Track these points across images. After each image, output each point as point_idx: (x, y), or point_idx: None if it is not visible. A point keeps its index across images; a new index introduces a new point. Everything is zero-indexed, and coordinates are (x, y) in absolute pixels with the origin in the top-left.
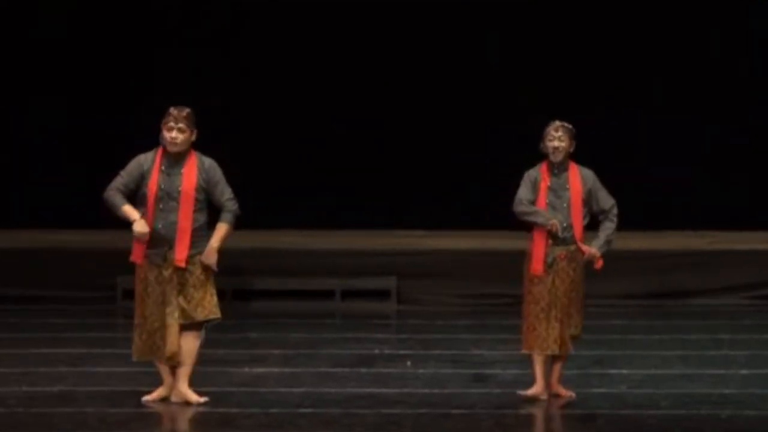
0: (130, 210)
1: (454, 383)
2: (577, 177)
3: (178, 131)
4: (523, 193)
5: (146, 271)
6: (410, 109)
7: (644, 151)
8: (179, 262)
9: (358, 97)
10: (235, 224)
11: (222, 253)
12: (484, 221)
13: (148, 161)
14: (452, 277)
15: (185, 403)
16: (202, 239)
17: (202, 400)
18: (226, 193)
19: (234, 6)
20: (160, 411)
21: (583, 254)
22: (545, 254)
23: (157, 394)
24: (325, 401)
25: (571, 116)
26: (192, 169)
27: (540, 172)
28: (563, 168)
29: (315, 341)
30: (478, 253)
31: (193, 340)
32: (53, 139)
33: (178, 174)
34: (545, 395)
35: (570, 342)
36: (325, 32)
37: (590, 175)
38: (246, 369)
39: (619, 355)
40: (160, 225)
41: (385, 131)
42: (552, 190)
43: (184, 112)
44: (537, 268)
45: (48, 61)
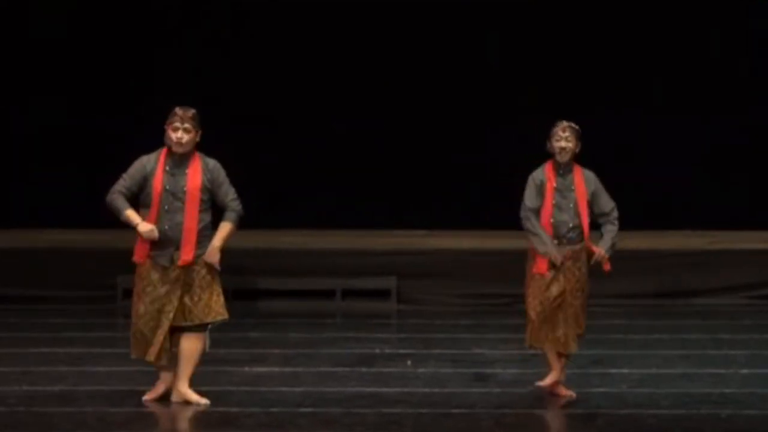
0: (132, 215)
1: (455, 383)
2: (581, 178)
3: (183, 131)
4: (530, 199)
5: (149, 271)
6: (410, 109)
7: (644, 151)
8: (184, 262)
9: (358, 97)
10: (239, 224)
11: (223, 253)
12: (484, 221)
13: (151, 162)
14: (452, 276)
15: (185, 403)
16: (207, 239)
17: (203, 401)
18: (230, 194)
19: (234, 6)
20: (160, 411)
21: (592, 254)
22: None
23: (156, 391)
24: (325, 401)
25: (571, 116)
26: (196, 170)
27: (545, 173)
28: (569, 169)
29: (315, 341)
30: (478, 253)
31: (195, 342)
32: (53, 139)
33: (183, 174)
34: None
35: (574, 341)
36: (325, 32)
37: (592, 177)
38: (246, 368)
39: (619, 354)
40: (166, 226)
41: (385, 131)
42: (558, 190)
43: (190, 113)
44: (541, 268)
45: (48, 61)
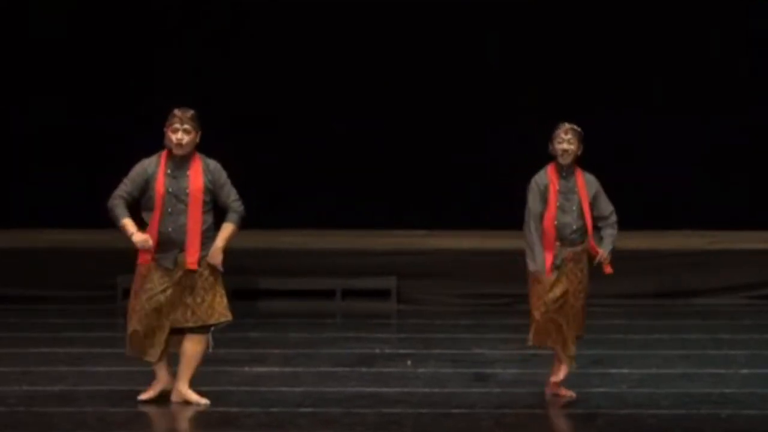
0: (128, 224)
1: (455, 383)
2: (583, 181)
3: (183, 132)
4: (534, 205)
5: (150, 270)
6: (410, 109)
7: (644, 151)
8: (191, 264)
9: (358, 97)
10: (241, 225)
11: (226, 254)
12: (484, 221)
13: (152, 165)
14: (452, 276)
15: (185, 403)
16: (210, 241)
17: (203, 401)
18: (231, 195)
19: (234, 6)
20: (160, 411)
21: (596, 255)
22: (553, 256)
23: (153, 390)
24: (325, 401)
25: (571, 116)
26: (198, 171)
27: (548, 176)
28: (571, 171)
29: (315, 341)
30: (478, 253)
31: (198, 344)
32: (53, 139)
33: (185, 176)
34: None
35: (573, 344)
36: (325, 32)
37: (593, 180)
38: (246, 368)
39: (619, 354)
40: (169, 228)
41: (385, 131)
42: (561, 193)
43: (189, 114)
44: (546, 271)
45: (48, 61)
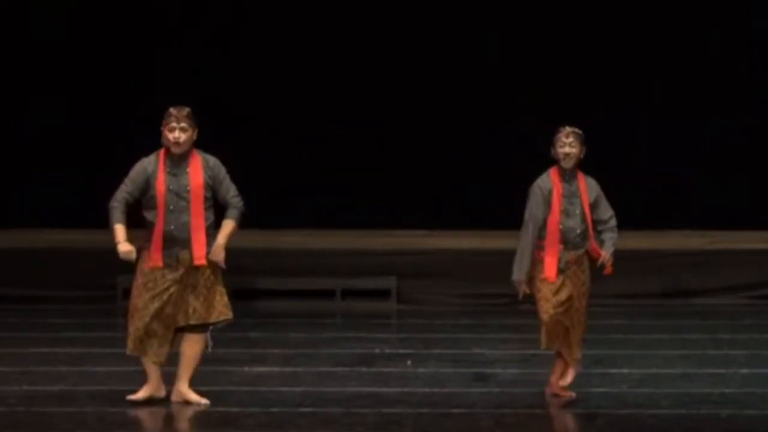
0: (118, 231)
1: (455, 383)
2: (585, 184)
3: (180, 131)
4: (536, 210)
5: (153, 268)
6: (410, 109)
7: (644, 151)
8: (199, 260)
9: (358, 97)
10: (241, 221)
11: (227, 251)
12: (484, 221)
13: (151, 164)
14: (452, 276)
15: (185, 403)
16: (212, 238)
17: (203, 401)
18: (231, 191)
19: (234, 6)
20: (160, 411)
21: (598, 257)
22: (557, 260)
23: (143, 392)
24: (325, 400)
25: (571, 116)
26: (197, 168)
27: (551, 180)
28: (573, 174)
29: (315, 341)
30: (478, 253)
31: (197, 343)
32: (53, 139)
33: (185, 173)
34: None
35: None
36: (325, 32)
37: (594, 184)
38: (246, 368)
39: (619, 354)
40: (172, 226)
41: (385, 131)
42: (565, 197)
43: (185, 111)
44: (550, 275)
45: (48, 61)
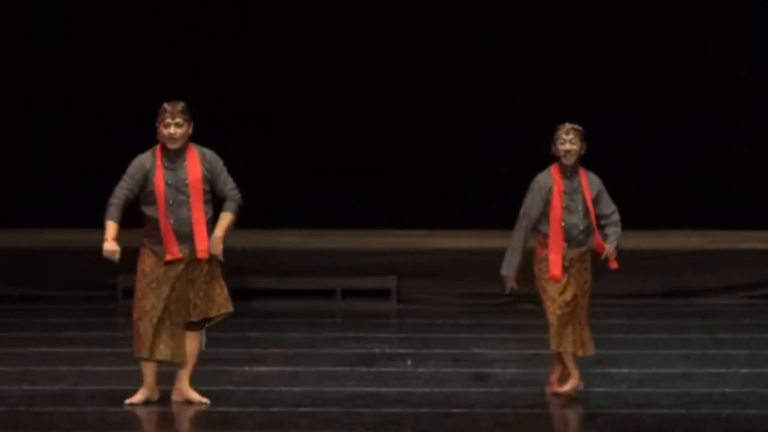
0: (109, 228)
1: (454, 382)
2: (586, 180)
3: (176, 126)
4: (531, 206)
5: (152, 267)
6: (410, 109)
7: (644, 151)
8: (202, 253)
9: (358, 97)
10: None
11: (225, 254)
12: (484, 221)
13: (148, 160)
14: (452, 276)
15: (186, 403)
16: (210, 232)
17: (204, 400)
18: (228, 183)
19: (234, 6)
20: (161, 411)
21: (602, 251)
22: (562, 258)
23: (140, 396)
24: (325, 400)
25: (571, 116)
26: (195, 161)
27: (552, 177)
28: (575, 171)
29: (315, 340)
30: (477, 253)
31: (194, 340)
32: (53, 139)
33: (182, 167)
34: (582, 386)
35: (591, 342)
36: (325, 32)
37: (596, 179)
38: (246, 368)
39: (619, 354)
40: (172, 221)
41: (385, 131)
42: (567, 194)
43: (179, 106)
44: (556, 273)
45: (48, 61)
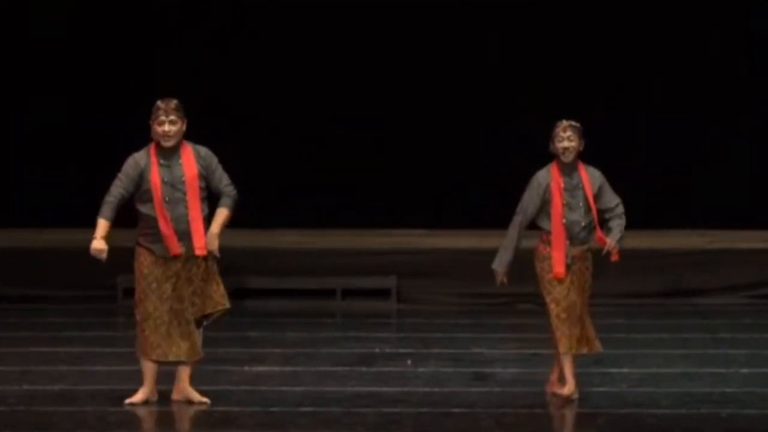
0: (100, 226)
1: (455, 382)
2: (587, 176)
3: (170, 124)
4: (528, 202)
5: (150, 267)
6: (410, 109)
7: (644, 150)
8: (200, 250)
9: (358, 97)
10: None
11: (223, 252)
12: (484, 221)
13: (143, 159)
14: (452, 276)
15: (186, 401)
16: (206, 230)
17: (205, 400)
18: (224, 179)
19: (234, 6)
20: (161, 410)
21: (603, 245)
22: (564, 255)
23: (140, 396)
24: (325, 400)
25: (571, 116)
26: (190, 158)
27: (551, 175)
28: (574, 167)
29: (315, 340)
30: (477, 253)
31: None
32: (53, 139)
33: (178, 164)
34: (576, 394)
35: (597, 339)
36: (325, 32)
37: (597, 173)
38: (246, 368)
39: (619, 354)
40: (169, 218)
41: (385, 131)
42: (567, 190)
43: (173, 104)
44: (559, 272)
45: (48, 61)
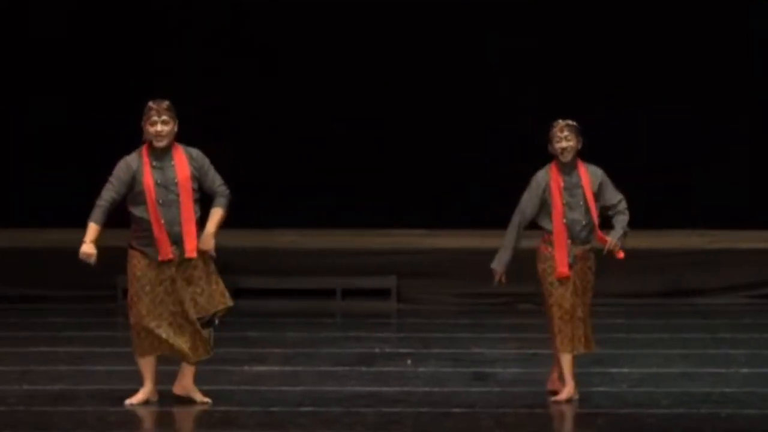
0: (90, 230)
1: (454, 382)
2: (586, 174)
3: (162, 124)
4: (526, 203)
5: (144, 270)
6: (410, 109)
7: (644, 150)
8: (190, 253)
9: (358, 97)
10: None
11: (223, 252)
12: (484, 221)
13: (135, 161)
14: (452, 276)
15: (188, 399)
16: (200, 231)
17: (206, 400)
18: (217, 180)
19: (234, 6)
20: (161, 410)
21: (605, 243)
22: (567, 255)
23: (140, 396)
24: (325, 400)
25: (572, 116)
26: (182, 160)
27: (550, 175)
28: (573, 166)
29: (315, 340)
30: (477, 253)
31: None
32: (53, 139)
33: (170, 166)
34: (577, 394)
35: (592, 341)
36: (325, 32)
37: (598, 171)
38: (246, 368)
39: (619, 353)
40: (163, 220)
41: (385, 131)
42: (566, 189)
43: (165, 104)
44: (563, 271)
45: (48, 61)
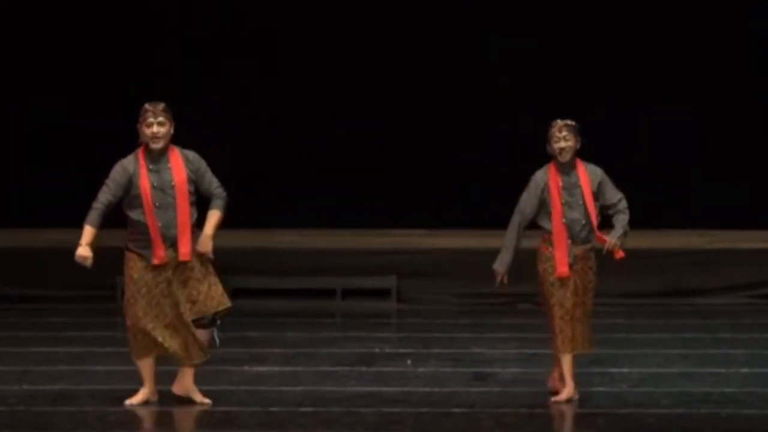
0: (86, 233)
1: (454, 382)
2: (585, 174)
3: (158, 125)
4: (525, 203)
5: (141, 272)
6: (410, 109)
7: (644, 150)
8: (184, 256)
9: (358, 97)
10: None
11: (223, 252)
12: (484, 221)
13: (131, 164)
14: (452, 276)
15: (188, 399)
16: (197, 234)
17: (206, 401)
18: (213, 182)
19: (234, 6)
20: (161, 411)
21: (604, 243)
22: (567, 255)
23: (140, 397)
24: (325, 400)
25: (571, 116)
26: (178, 162)
27: (548, 175)
28: (572, 166)
29: (315, 340)
30: (477, 253)
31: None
32: (53, 139)
33: (167, 169)
34: (577, 394)
35: (589, 342)
36: (325, 32)
37: (597, 170)
38: (246, 368)
39: (619, 353)
40: (159, 223)
41: (385, 131)
42: (565, 189)
43: (161, 106)
44: (563, 271)
45: (48, 61)
